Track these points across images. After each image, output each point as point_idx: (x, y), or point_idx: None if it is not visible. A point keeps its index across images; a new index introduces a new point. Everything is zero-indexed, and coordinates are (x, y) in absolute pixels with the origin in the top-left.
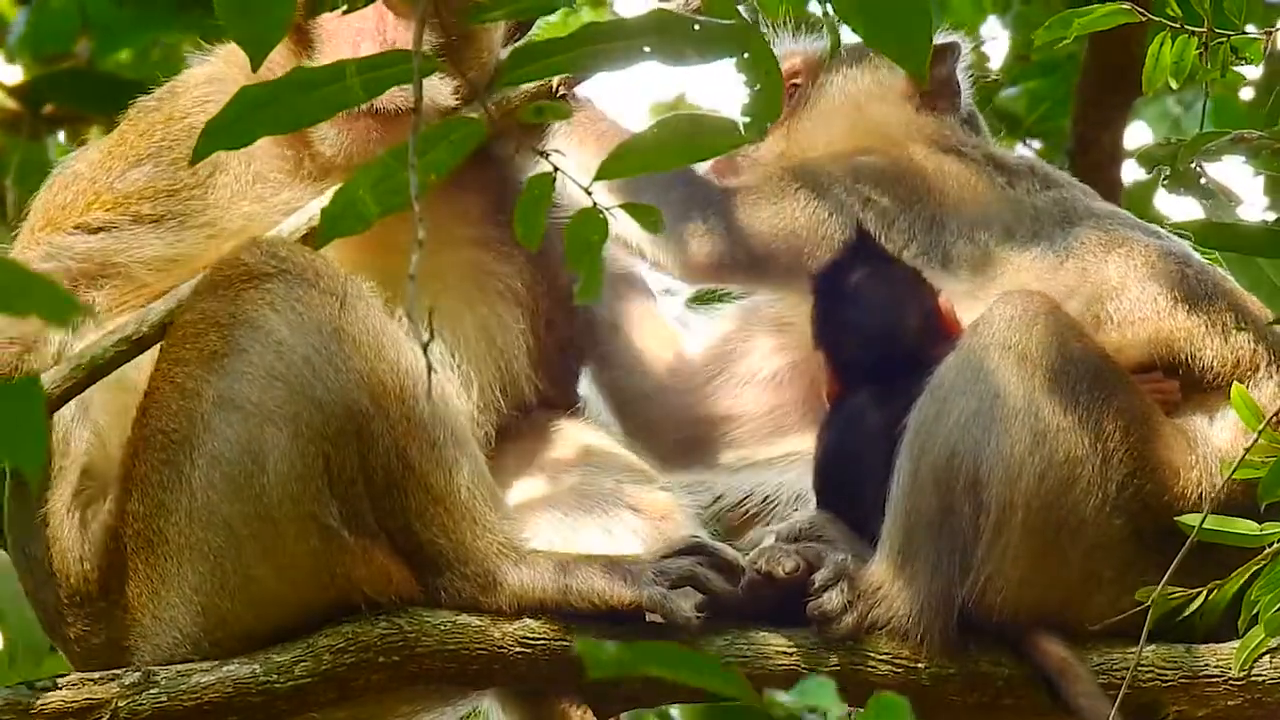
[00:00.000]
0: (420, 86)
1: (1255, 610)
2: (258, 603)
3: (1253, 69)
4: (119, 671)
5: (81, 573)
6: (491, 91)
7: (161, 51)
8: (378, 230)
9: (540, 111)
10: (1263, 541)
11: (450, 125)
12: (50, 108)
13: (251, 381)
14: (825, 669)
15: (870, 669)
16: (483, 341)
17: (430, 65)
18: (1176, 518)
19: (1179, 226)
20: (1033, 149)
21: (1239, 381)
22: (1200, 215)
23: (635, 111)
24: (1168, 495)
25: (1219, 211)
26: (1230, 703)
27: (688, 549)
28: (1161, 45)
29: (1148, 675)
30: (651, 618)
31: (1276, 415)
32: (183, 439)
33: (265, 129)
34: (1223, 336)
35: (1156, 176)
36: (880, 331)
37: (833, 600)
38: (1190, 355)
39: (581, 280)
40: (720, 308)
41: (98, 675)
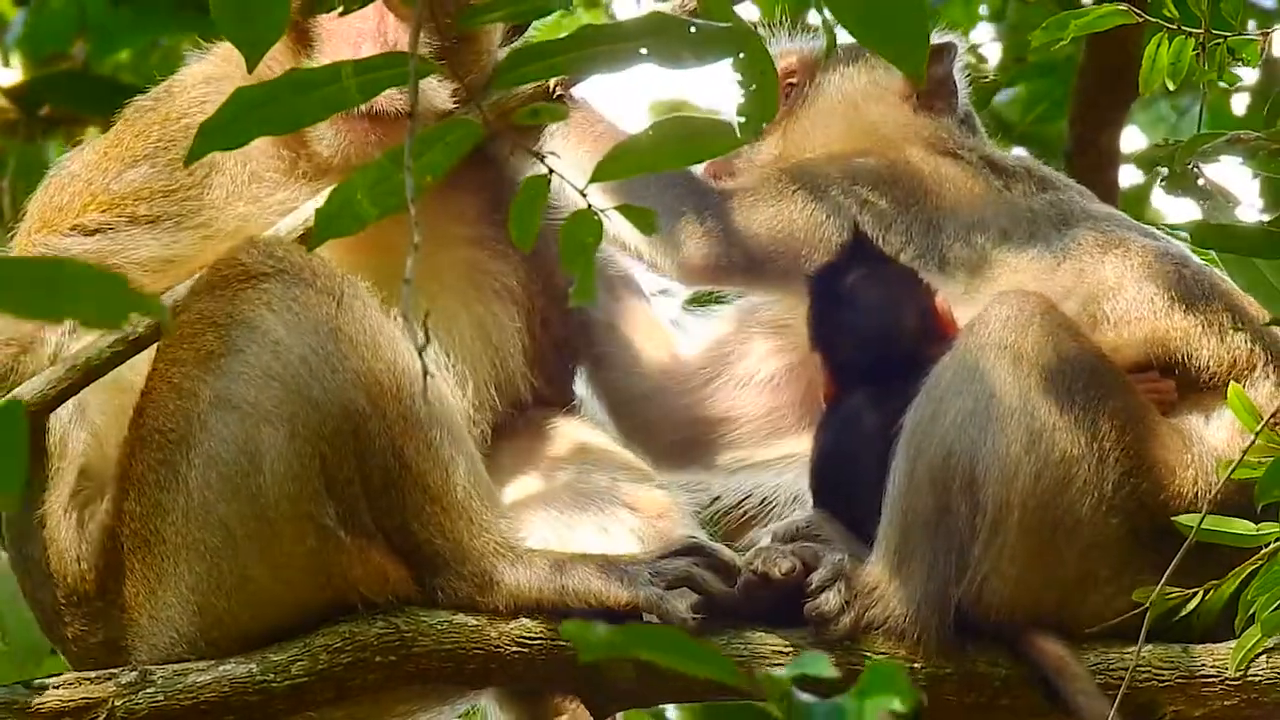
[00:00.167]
0: (416, 88)
1: (1252, 610)
2: (254, 602)
3: (1248, 76)
4: (116, 671)
5: (78, 573)
6: (488, 93)
7: (161, 53)
8: (373, 229)
9: (536, 113)
10: (1259, 541)
11: (447, 127)
12: (47, 109)
13: (248, 381)
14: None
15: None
16: (478, 340)
17: (427, 67)
18: (1173, 517)
19: (1175, 227)
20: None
21: (1235, 381)
22: (1198, 216)
23: (635, 111)
24: (1164, 494)
25: (1216, 213)
26: (1227, 703)
27: (684, 549)
28: (1158, 46)
29: (1144, 675)
30: (648, 618)
31: (1274, 415)
32: (179, 439)
33: (261, 129)
34: (1219, 336)
35: (1153, 178)
36: (877, 332)
37: (830, 600)
38: (1186, 355)
39: (576, 282)
40: (717, 309)
41: (94, 674)
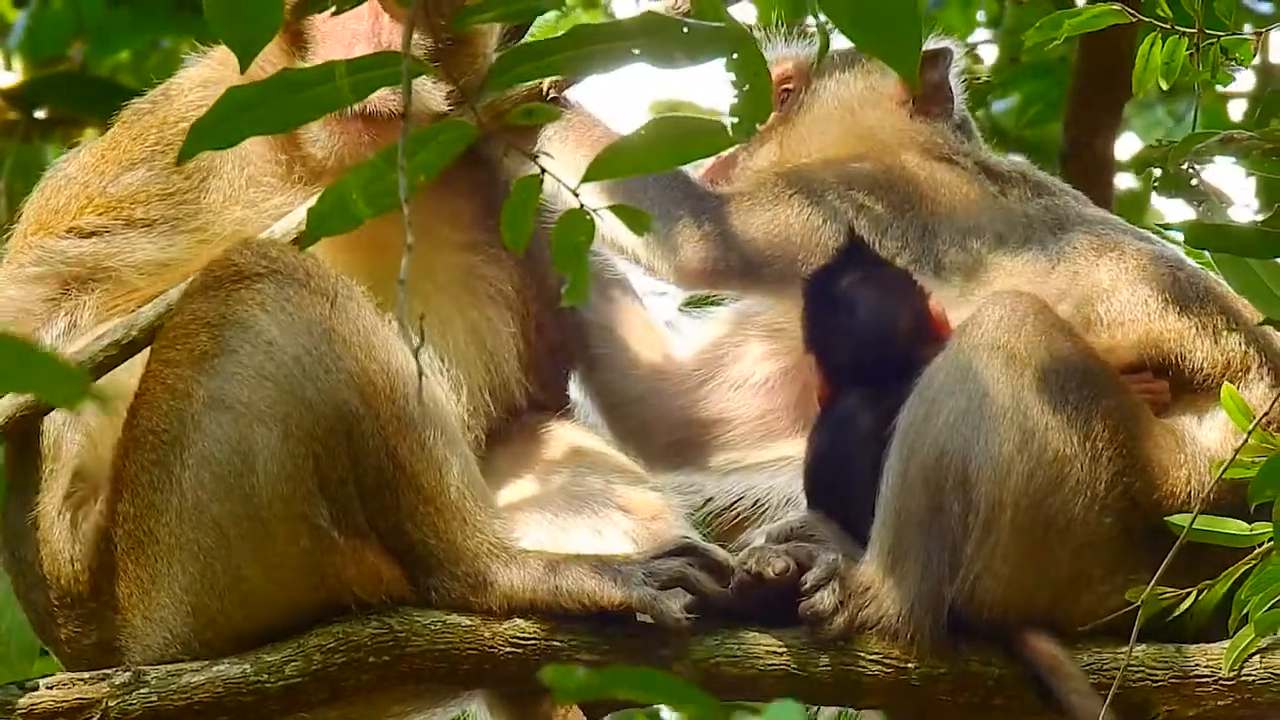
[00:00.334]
0: (410, 88)
1: (1245, 610)
2: (248, 603)
3: (1243, 81)
4: (109, 671)
5: (72, 574)
6: (483, 94)
7: (161, 54)
8: (367, 231)
9: (531, 114)
10: (1252, 541)
11: (440, 127)
12: (45, 111)
13: (242, 382)
14: (815, 669)
15: (861, 669)
16: (473, 345)
17: (420, 67)
18: (1166, 517)
19: (1170, 227)
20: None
21: (1229, 383)
22: (1192, 217)
23: (635, 111)
24: (1157, 494)
25: (1210, 213)
26: (1220, 703)
27: (678, 549)
28: (1152, 46)
29: (1138, 675)
30: (641, 618)
31: (1266, 415)
32: (173, 439)
33: (253, 129)
34: (1213, 339)
35: (1149, 181)
36: (871, 334)
37: (825, 600)
38: (1180, 356)
39: (569, 282)
40: (713, 311)
41: (88, 675)
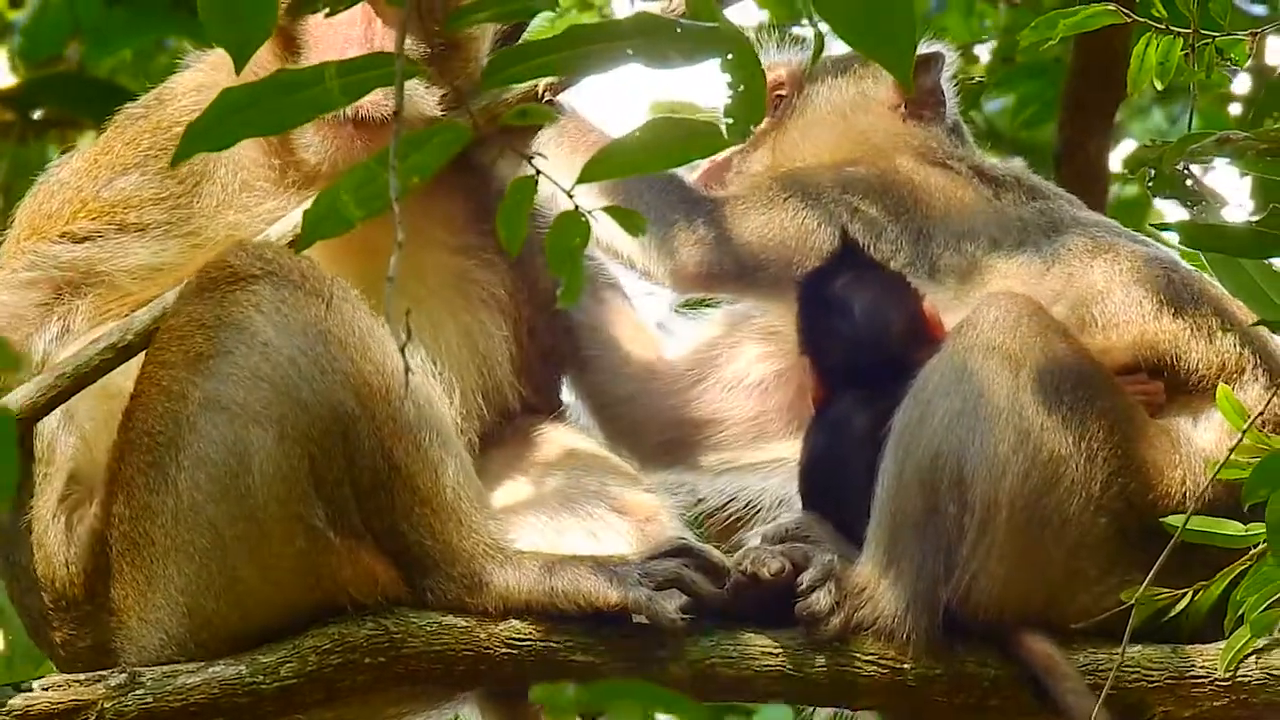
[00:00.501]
0: (402, 88)
1: (1241, 611)
2: (244, 604)
3: (1241, 84)
4: (105, 673)
5: (67, 577)
6: (477, 95)
7: (168, 55)
8: (363, 234)
9: (525, 114)
10: (1247, 542)
11: (434, 129)
12: (41, 112)
13: (237, 383)
14: (811, 670)
15: (856, 670)
16: (465, 348)
17: (413, 69)
18: (1161, 518)
19: (1164, 227)
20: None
21: (1224, 384)
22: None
23: (635, 112)
24: (1152, 494)
25: (1205, 214)
26: (1216, 703)
27: (674, 550)
28: (1147, 46)
29: (1133, 675)
30: (637, 619)
31: (1261, 416)
32: (168, 441)
33: (247, 131)
34: (1208, 340)
35: (1144, 181)
36: (865, 336)
37: (821, 601)
38: (1175, 358)
39: (563, 284)
40: (706, 312)
41: (83, 677)
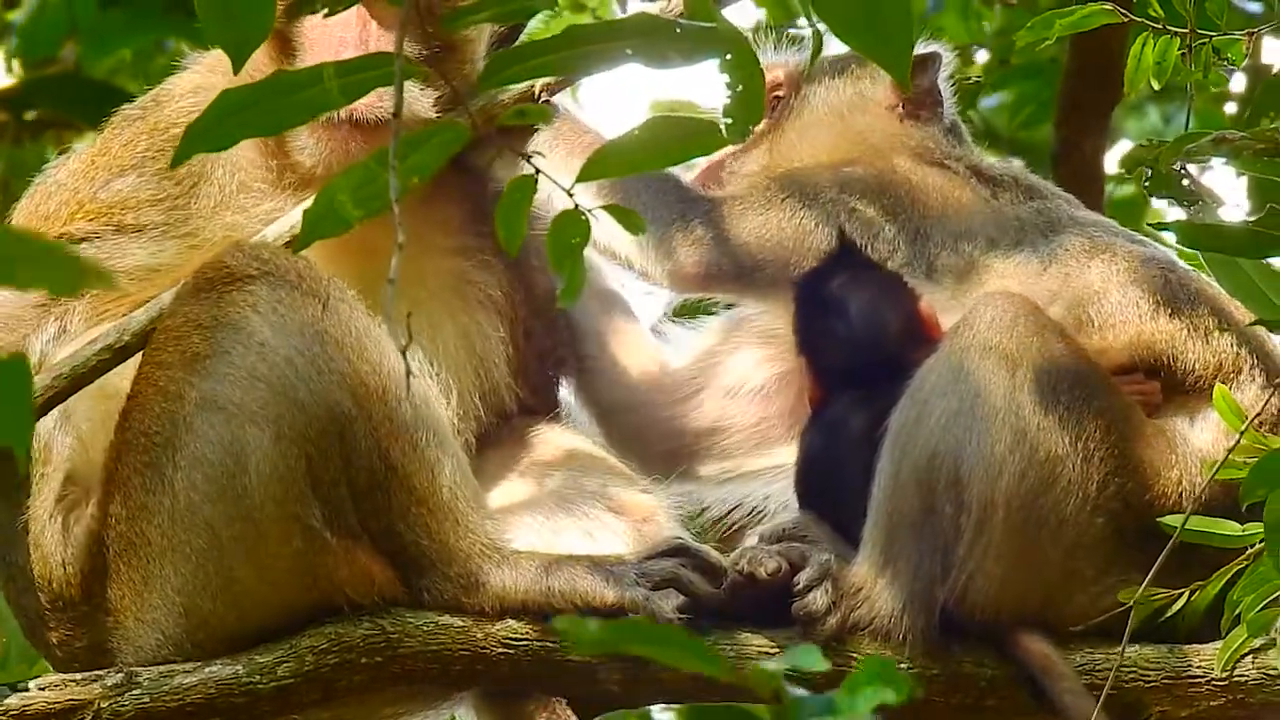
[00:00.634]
0: (401, 88)
1: (1238, 611)
2: (240, 604)
3: (1237, 83)
4: (101, 672)
5: (64, 577)
6: (475, 95)
7: (167, 57)
8: (359, 235)
9: (523, 114)
10: (1245, 542)
11: (433, 129)
12: (36, 113)
13: (234, 383)
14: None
15: (853, 670)
16: (463, 349)
17: (411, 69)
18: (1158, 518)
19: (1161, 227)
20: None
21: (1221, 384)
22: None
23: (635, 111)
24: (1148, 495)
25: (1202, 214)
26: (1213, 703)
27: (670, 550)
28: (1144, 46)
29: (1130, 676)
30: (633, 619)
31: (1258, 416)
32: (165, 441)
33: (245, 132)
34: (1204, 340)
35: (1139, 180)
36: (861, 336)
37: (818, 600)
38: (1172, 358)
39: (563, 283)
40: (705, 320)
41: (80, 677)
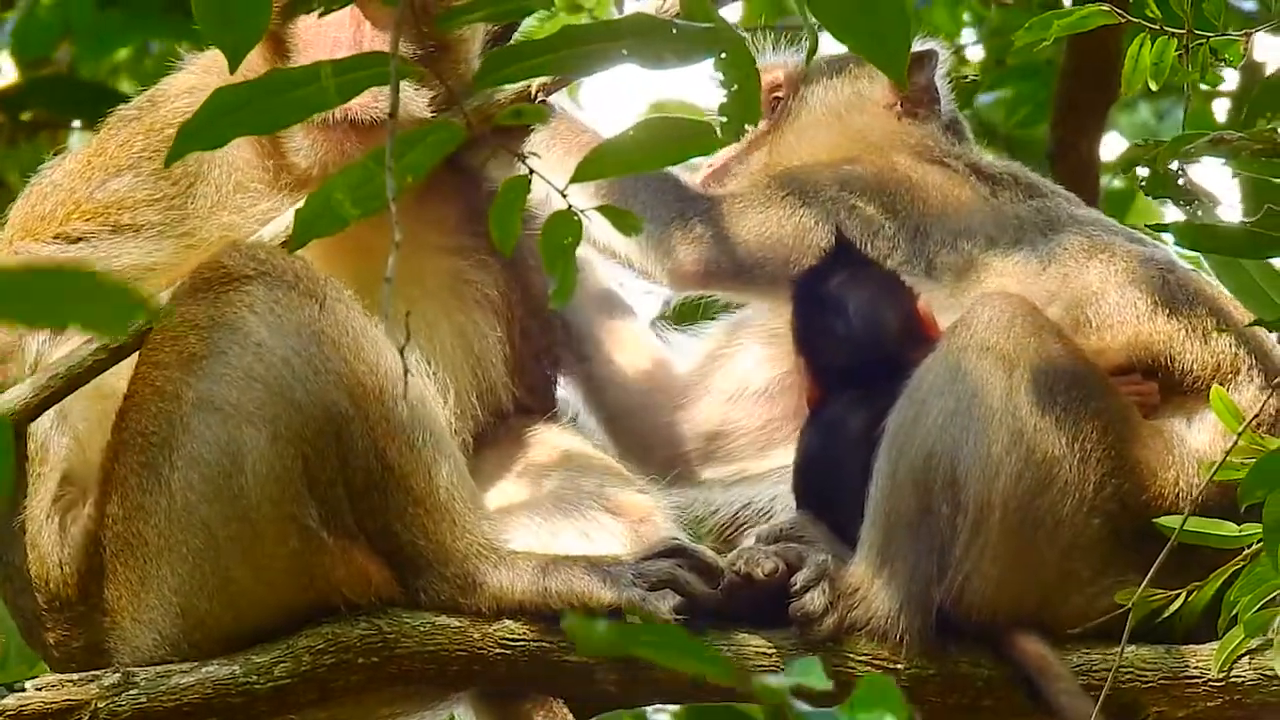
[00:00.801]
0: (397, 87)
1: (1235, 611)
2: (237, 604)
3: (1229, 81)
4: (98, 673)
5: (61, 577)
6: (470, 95)
7: (155, 59)
8: (355, 235)
9: (519, 114)
10: (1242, 543)
11: (428, 129)
12: (30, 114)
13: (230, 383)
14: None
15: (850, 670)
16: (459, 349)
17: (406, 69)
18: (1155, 519)
19: (1159, 228)
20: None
21: (1219, 385)
22: (1180, 217)
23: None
24: (1145, 495)
25: (1201, 214)
26: (1210, 704)
27: (667, 551)
28: (1141, 46)
29: (1127, 676)
30: (630, 619)
31: (1256, 417)
32: (162, 441)
33: (239, 131)
34: (1202, 340)
35: (1134, 180)
36: (859, 335)
37: (815, 601)
38: (1169, 358)
39: (555, 283)
40: (706, 326)
41: (77, 677)
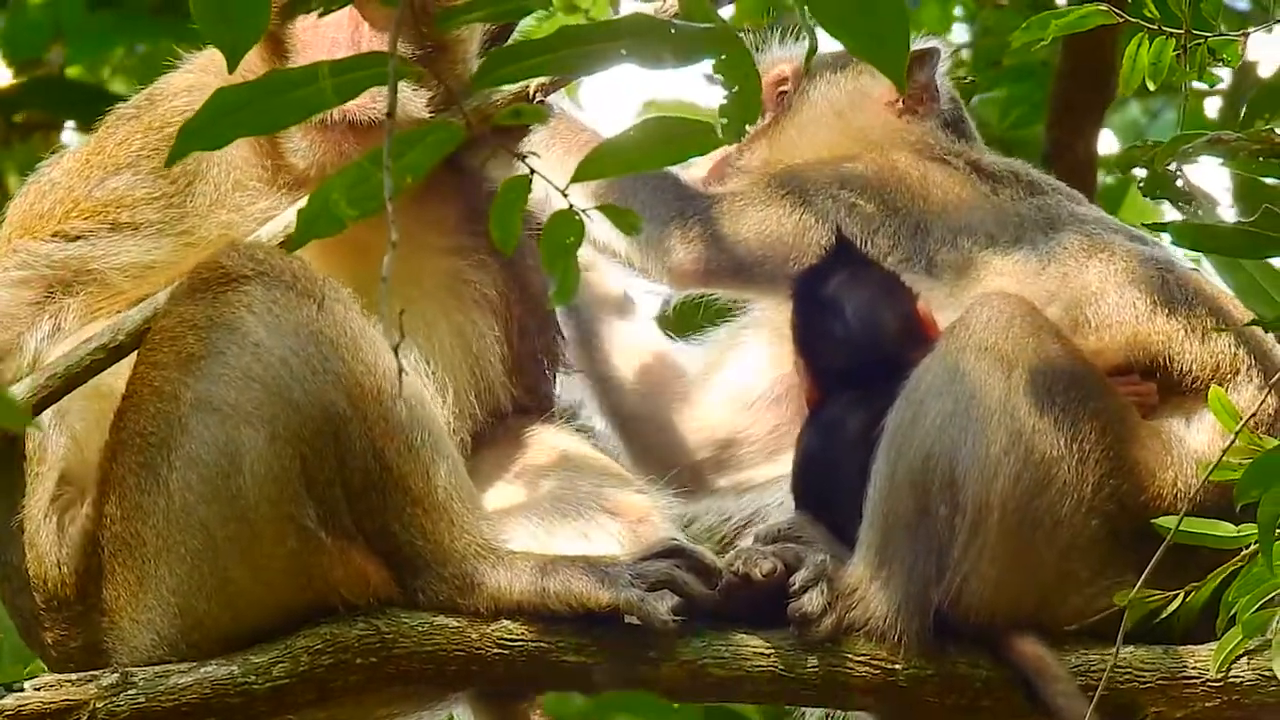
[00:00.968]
0: (395, 88)
1: (1233, 612)
2: (235, 604)
3: (1221, 80)
4: (97, 673)
5: (59, 577)
6: (469, 96)
7: (138, 59)
8: (354, 235)
9: (518, 114)
10: (1240, 543)
11: (427, 129)
12: (23, 115)
13: (229, 383)
14: (803, 671)
15: (848, 670)
16: (458, 348)
17: (405, 69)
18: (1153, 519)
19: (1157, 227)
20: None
21: (1218, 385)
22: (1176, 216)
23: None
24: (1144, 496)
25: (1199, 214)
26: (1208, 704)
27: (666, 551)
28: (1139, 46)
29: (1125, 677)
30: (629, 620)
31: (1253, 415)
32: (160, 441)
33: (239, 131)
34: (1201, 341)
35: (1128, 179)
36: (858, 336)
37: (813, 601)
38: (1168, 359)
39: (556, 283)
40: (709, 332)
41: (75, 677)
